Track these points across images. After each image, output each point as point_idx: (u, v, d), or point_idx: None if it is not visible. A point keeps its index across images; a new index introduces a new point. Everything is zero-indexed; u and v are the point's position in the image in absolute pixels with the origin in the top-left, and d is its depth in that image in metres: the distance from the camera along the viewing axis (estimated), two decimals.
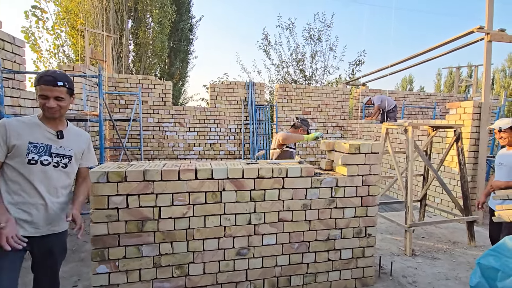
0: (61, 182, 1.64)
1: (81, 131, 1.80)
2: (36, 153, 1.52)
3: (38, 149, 1.54)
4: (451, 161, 4.35)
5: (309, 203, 2.34)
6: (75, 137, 1.71)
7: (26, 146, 1.50)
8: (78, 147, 1.71)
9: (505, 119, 2.63)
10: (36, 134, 1.55)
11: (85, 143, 1.77)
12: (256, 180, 2.21)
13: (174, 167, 2.09)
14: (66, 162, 1.64)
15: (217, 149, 6.71)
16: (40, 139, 1.56)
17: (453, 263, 3.03)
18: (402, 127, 3.40)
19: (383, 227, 4.00)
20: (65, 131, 1.65)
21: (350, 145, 2.39)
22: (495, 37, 3.98)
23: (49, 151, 1.57)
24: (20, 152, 1.49)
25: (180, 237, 2.11)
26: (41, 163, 1.54)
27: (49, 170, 1.57)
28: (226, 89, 6.69)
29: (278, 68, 11.54)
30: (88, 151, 1.80)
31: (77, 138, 1.72)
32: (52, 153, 1.58)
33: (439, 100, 8.49)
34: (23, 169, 1.51)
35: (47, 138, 1.58)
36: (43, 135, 1.57)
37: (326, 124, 7.45)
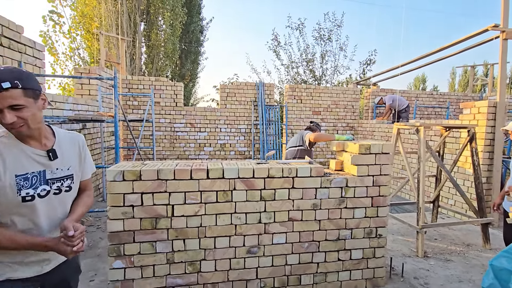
0: (67, 207, 1.28)
1: (73, 136, 1.38)
2: (29, 186, 1.13)
3: (30, 180, 1.13)
4: (465, 162, 4.27)
5: (319, 203, 2.36)
6: (69, 147, 1.31)
7: (14, 182, 1.09)
8: (76, 158, 1.33)
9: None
10: (21, 161, 1.12)
11: (81, 149, 1.37)
12: (266, 179, 2.25)
13: (187, 167, 2.15)
14: (69, 184, 1.27)
15: (227, 149, 6.78)
16: (28, 167, 1.14)
17: (466, 265, 2.98)
18: (413, 127, 3.36)
19: (395, 228, 3.96)
20: (57, 146, 1.23)
21: (360, 145, 2.39)
22: (510, 35, 3.89)
23: (44, 178, 1.17)
24: (8, 192, 1.09)
25: (192, 234, 2.17)
26: (39, 195, 1.16)
27: (50, 200, 1.20)
28: (236, 89, 6.76)
29: (288, 68, 11.54)
30: (85, 159, 1.39)
31: (72, 148, 1.33)
32: (49, 180, 1.19)
33: (452, 99, 8.30)
34: (19, 209, 1.13)
35: (36, 162, 1.16)
36: (30, 160, 1.14)
37: (336, 124, 7.41)
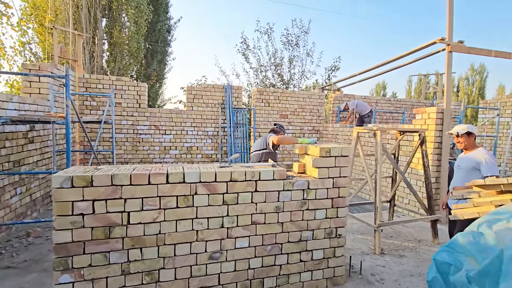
0: None
1: None
2: None
3: None
4: (417, 164, 4.60)
5: (281, 206, 2.38)
6: None
7: None
8: None
9: (462, 125, 2.83)
10: None
11: None
12: (229, 183, 2.22)
13: (144, 171, 2.05)
14: None
15: (194, 152, 6.63)
16: None
17: (418, 260, 3.20)
18: (371, 131, 3.55)
19: (355, 228, 4.14)
20: None
21: (321, 148, 2.46)
22: (455, 48, 4.29)
23: None
24: None
25: (150, 242, 2.06)
26: None
27: None
28: (203, 91, 6.65)
29: (257, 72, 11.64)
30: None
31: None
32: None
33: (408, 105, 8.96)
34: None
35: None
36: None
37: (303, 128, 7.60)
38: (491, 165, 2.53)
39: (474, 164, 2.65)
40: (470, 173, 2.67)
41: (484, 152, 2.63)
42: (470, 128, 2.76)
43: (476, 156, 2.66)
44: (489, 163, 2.54)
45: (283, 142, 3.13)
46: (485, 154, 2.61)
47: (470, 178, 2.66)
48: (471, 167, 2.67)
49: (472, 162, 2.66)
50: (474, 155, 2.69)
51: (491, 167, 2.52)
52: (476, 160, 2.63)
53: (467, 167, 2.70)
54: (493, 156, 2.63)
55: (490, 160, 2.56)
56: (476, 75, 29.77)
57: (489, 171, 2.50)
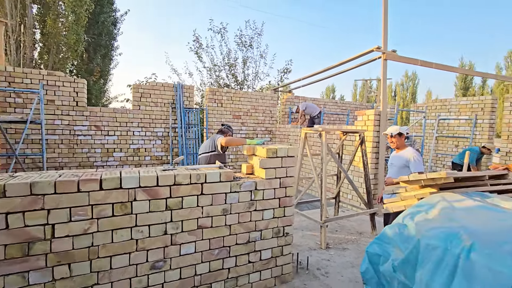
0: None
1: None
2: None
3: None
4: (359, 162, 4.97)
5: (229, 208, 2.35)
6: None
7: None
8: None
9: (395, 126, 3.13)
10: None
11: None
12: (172, 187, 2.11)
13: (73, 177, 1.83)
14: None
15: (142, 154, 6.23)
16: None
17: (358, 251, 3.45)
18: (317, 132, 3.73)
19: (304, 225, 4.31)
20: None
21: (267, 149, 2.49)
22: (389, 56, 4.75)
23: None
24: None
25: (81, 256, 1.85)
26: None
27: None
28: (152, 90, 6.29)
29: (211, 71, 11.45)
30: None
31: None
32: None
33: (352, 108, 9.67)
34: None
35: None
36: None
37: (256, 128, 7.69)
38: (418, 162, 2.85)
39: (404, 162, 2.95)
40: (401, 170, 2.98)
41: (412, 151, 2.95)
42: (401, 129, 3.07)
43: (406, 155, 2.97)
44: (416, 161, 2.85)
45: (232, 143, 3.09)
46: (413, 153, 2.93)
47: (401, 174, 2.96)
48: (402, 164, 2.98)
49: (403, 160, 2.96)
50: (404, 153, 3.00)
51: (417, 165, 2.83)
52: (406, 158, 2.93)
53: (399, 165, 3.00)
54: (419, 154, 2.97)
55: (417, 158, 2.88)
56: (410, 81, 33.57)
57: (416, 168, 2.81)
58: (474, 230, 1.21)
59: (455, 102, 7.55)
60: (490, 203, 1.58)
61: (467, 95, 27.64)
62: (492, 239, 1.14)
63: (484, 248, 1.11)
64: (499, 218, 1.31)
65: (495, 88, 26.07)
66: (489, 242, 1.13)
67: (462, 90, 28.78)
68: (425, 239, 1.30)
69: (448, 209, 1.48)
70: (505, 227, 1.21)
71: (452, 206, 1.51)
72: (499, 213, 1.37)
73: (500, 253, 1.08)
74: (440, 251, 1.20)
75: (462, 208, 1.47)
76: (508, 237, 1.14)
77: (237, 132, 7.44)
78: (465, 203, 1.55)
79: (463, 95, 27.69)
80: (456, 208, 1.48)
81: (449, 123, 7.59)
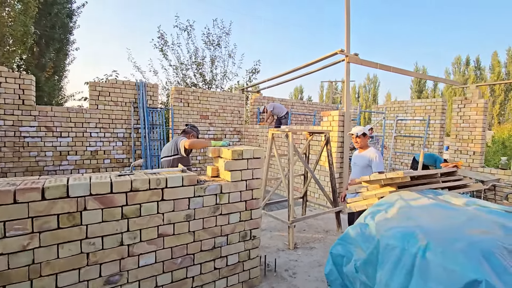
0: None
1: None
2: None
3: None
4: (325, 161, 5.10)
5: (192, 213, 2.23)
6: None
7: None
8: None
9: (359, 126, 3.24)
10: None
11: None
12: (129, 194, 1.95)
13: (8, 187, 1.60)
14: None
15: (101, 157, 5.80)
16: None
17: (325, 250, 3.51)
18: (284, 133, 3.73)
19: (272, 225, 4.30)
20: None
21: (233, 151, 2.42)
22: (352, 59, 4.92)
23: None
24: None
25: (19, 276, 1.63)
26: None
27: None
28: (111, 88, 5.88)
29: (177, 70, 11.07)
30: None
31: None
32: None
33: (319, 108, 9.95)
34: None
35: None
36: None
37: (224, 129, 7.57)
38: (379, 162, 2.97)
39: (367, 162, 3.06)
40: (364, 170, 3.09)
41: (374, 151, 3.06)
42: (365, 130, 3.19)
43: (368, 155, 3.07)
44: (378, 161, 2.97)
45: (196, 146, 2.95)
46: (375, 153, 3.04)
47: (364, 173, 3.07)
48: (365, 164, 3.09)
49: (365, 160, 3.07)
50: (367, 153, 3.11)
51: (379, 164, 2.95)
52: (369, 158, 3.04)
53: (362, 164, 3.11)
54: (381, 154, 3.09)
55: (379, 158, 3.00)
56: (371, 84, 35.62)
57: (378, 168, 2.93)
58: (429, 229, 1.26)
59: (411, 104, 8.09)
60: (441, 200, 1.67)
61: (421, 97, 30.03)
62: (445, 237, 1.19)
63: (438, 247, 1.15)
64: (450, 215, 1.38)
65: (445, 91, 28.65)
66: (442, 240, 1.18)
67: (417, 92, 31.21)
68: (385, 239, 1.33)
69: (405, 208, 1.53)
70: (456, 225, 1.28)
71: (408, 204, 1.57)
72: (450, 210, 1.45)
73: (452, 251, 1.13)
74: (398, 251, 1.23)
75: (417, 207, 1.53)
76: (459, 234, 1.20)
77: (204, 133, 7.26)
78: (420, 201, 1.62)
79: (417, 97, 30.03)
80: (412, 207, 1.54)
81: (406, 124, 8.12)
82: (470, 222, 1.29)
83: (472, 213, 1.37)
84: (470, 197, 1.78)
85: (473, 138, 6.50)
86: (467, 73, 28.42)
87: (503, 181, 5.88)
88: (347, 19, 4.92)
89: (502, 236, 1.20)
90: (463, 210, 1.40)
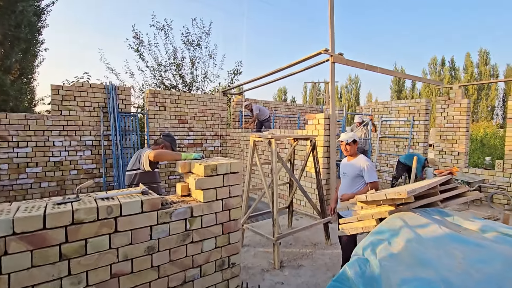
0: None
1: None
2: None
3: None
4: (311, 167, 4.81)
5: (156, 244, 1.84)
6: None
7: None
8: None
9: (349, 133, 2.95)
10: None
11: None
12: (70, 228, 1.54)
13: None
14: None
15: (66, 168, 5.24)
16: None
17: (313, 267, 3.21)
18: (266, 140, 3.40)
19: (256, 240, 3.95)
20: None
21: (205, 166, 2.05)
22: (337, 59, 4.68)
23: None
24: None
25: None
26: None
27: None
28: (77, 92, 5.34)
29: (155, 71, 10.50)
30: None
31: None
32: None
33: (303, 110, 9.72)
34: None
35: None
36: None
37: (205, 134, 7.15)
38: (371, 171, 2.70)
39: (358, 172, 2.78)
40: (355, 180, 2.81)
41: (365, 160, 2.78)
42: (355, 137, 2.90)
43: (358, 163, 2.79)
44: (370, 169, 2.69)
45: (162, 158, 2.51)
46: (366, 161, 2.76)
47: (355, 184, 2.80)
48: (355, 174, 2.80)
49: (356, 169, 2.78)
50: (357, 162, 2.82)
51: (371, 174, 2.68)
52: (359, 167, 2.76)
53: (352, 175, 2.82)
54: (372, 162, 2.82)
55: (370, 166, 2.73)
56: (353, 84, 36.16)
57: (370, 178, 2.66)
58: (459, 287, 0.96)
59: (395, 104, 8.01)
60: (453, 226, 1.39)
61: (400, 97, 30.76)
62: None
63: None
64: (478, 258, 1.09)
65: (422, 91, 29.48)
66: None
67: (396, 92, 31.94)
68: None
69: (415, 243, 1.24)
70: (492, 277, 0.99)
71: (417, 235, 1.28)
72: (473, 247, 1.16)
73: None
74: None
75: (429, 239, 1.24)
76: None
77: (183, 138, 6.82)
78: (429, 229, 1.33)
79: (397, 97, 30.74)
80: (423, 240, 1.25)
81: (391, 125, 8.03)
82: (509, 271, 1.00)
83: (502, 251, 1.09)
84: (482, 219, 1.52)
85: (457, 139, 6.46)
86: (443, 73, 29.37)
87: (487, 182, 5.83)
88: (331, 17, 4.67)
89: None
90: (490, 248, 1.12)
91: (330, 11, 4.69)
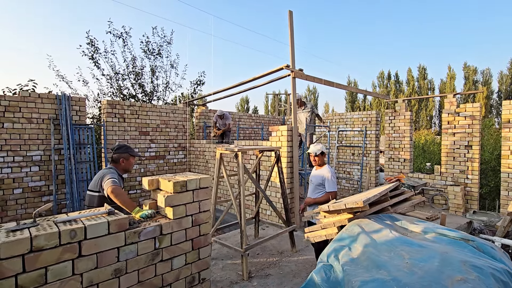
0: None
1: None
2: None
3: None
4: (276, 177, 4.98)
5: (123, 266, 1.79)
6: None
7: None
8: None
9: (318, 145, 3.18)
10: None
11: None
12: (27, 256, 1.43)
13: None
14: None
15: (8, 187, 4.71)
16: None
17: (280, 275, 3.31)
18: (233, 153, 3.47)
19: (224, 252, 3.95)
20: None
21: (175, 183, 2.05)
22: (297, 75, 4.97)
23: None
24: None
25: None
26: None
27: None
28: (22, 102, 4.87)
29: (111, 80, 9.98)
30: None
31: None
32: None
33: (266, 121, 10.00)
34: None
35: None
36: None
37: (168, 145, 6.97)
38: (332, 182, 2.94)
39: (320, 181, 3.02)
40: (317, 188, 3.06)
41: (328, 170, 3.03)
42: (323, 149, 3.15)
43: (322, 173, 3.04)
44: (330, 181, 2.93)
45: (115, 199, 2.32)
46: (328, 172, 3.00)
47: (316, 191, 3.08)
48: (318, 182, 3.05)
49: (319, 179, 3.03)
50: (322, 172, 3.07)
51: (331, 184, 2.92)
52: (323, 177, 3.00)
53: (316, 183, 3.07)
54: (334, 173, 3.07)
55: (332, 178, 2.97)
56: (311, 95, 38.06)
57: (330, 188, 2.89)
58: (406, 284, 1.13)
59: (350, 116, 8.67)
60: (402, 230, 1.61)
61: (354, 107, 33.20)
62: None
63: None
64: (420, 257, 1.29)
65: (373, 101, 32.18)
66: None
67: (350, 103, 34.40)
68: None
69: (371, 247, 1.40)
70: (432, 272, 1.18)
71: (372, 241, 1.45)
72: (417, 248, 1.37)
73: None
74: None
75: (382, 244, 1.42)
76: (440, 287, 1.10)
77: (145, 150, 6.56)
78: (382, 234, 1.52)
79: (351, 107, 33.12)
80: (377, 245, 1.42)
81: (347, 134, 8.65)
82: (444, 267, 1.21)
83: (439, 250, 1.31)
84: (424, 222, 1.77)
85: (403, 147, 7.19)
86: (389, 86, 32.47)
87: (429, 185, 6.58)
88: (291, 35, 4.97)
89: (477, 282, 1.14)
90: (430, 248, 1.34)
91: (290, 30, 4.99)
